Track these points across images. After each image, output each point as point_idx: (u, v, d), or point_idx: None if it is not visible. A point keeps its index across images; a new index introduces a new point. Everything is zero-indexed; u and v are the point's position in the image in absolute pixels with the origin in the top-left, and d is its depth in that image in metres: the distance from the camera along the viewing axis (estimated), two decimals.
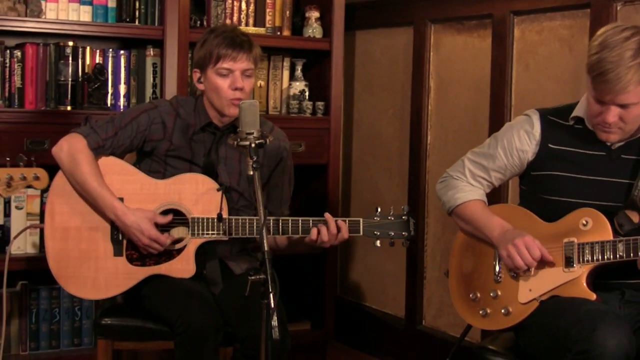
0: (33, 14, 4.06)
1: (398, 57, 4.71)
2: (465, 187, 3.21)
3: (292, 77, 4.75)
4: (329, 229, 3.22)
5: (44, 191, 3.84)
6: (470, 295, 3.16)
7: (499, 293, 3.08)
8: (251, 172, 2.86)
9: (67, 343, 4.24)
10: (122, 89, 4.32)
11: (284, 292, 4.82)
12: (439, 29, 4.46)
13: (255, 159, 2.89)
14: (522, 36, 4.01)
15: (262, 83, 4.68)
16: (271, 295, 2.75)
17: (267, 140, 2.99)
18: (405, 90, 4.63)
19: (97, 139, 3.27)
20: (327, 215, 3.24)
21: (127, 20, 4.26)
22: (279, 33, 4.65)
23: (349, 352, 4.93)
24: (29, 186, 3.37)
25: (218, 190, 3.23)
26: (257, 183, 2.88)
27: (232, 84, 3.27)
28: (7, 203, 4.08)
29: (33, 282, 4.16)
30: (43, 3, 4.10)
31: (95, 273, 3.27)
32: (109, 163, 3.31)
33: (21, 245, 4.09)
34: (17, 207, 4.08)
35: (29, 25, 4.05)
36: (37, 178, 3.35)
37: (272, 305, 2.73)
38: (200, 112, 3.39)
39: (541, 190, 3.08)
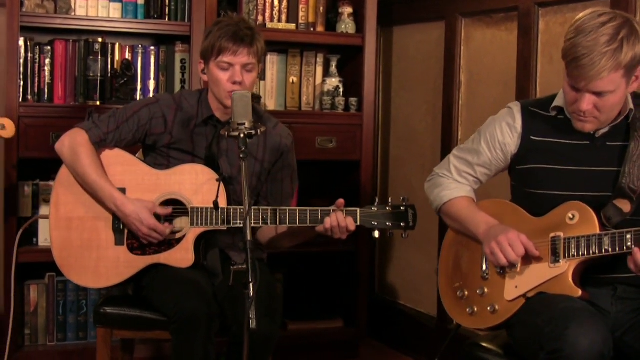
0: (62, 10, 4.15)
1: (431, 52, 4.65)
2: (451, 184, 3.15)
3: (327, 74, 4.73)
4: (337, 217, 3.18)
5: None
6: (458, 293, 3.09)
7: (486, 290, 3.00)
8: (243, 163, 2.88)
9: (94, 334, 4.27)
10: (151, 84, 4.39)
11: (317, 289, 4.87)
12: (469, 23, 4.38)
13: (243, 149, 2.90)
14: (547, 28, 3.91)
15: (295, 79, 4.67)
16: (251, 285, 2.72)
17: (259, 131, 3.00)
18: (438, 86, 4.57)
19: (98, 133, 3.33)
20: (338, 211, 3.20)
21: (156, 16, 4.31)
22: (312, 29, 4.64)
23: (382, 350, 4.88)
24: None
25: (217, 180, 3.24)
26: (244, 172, 2.89)
27: (231, 77, 3.28)
28: (35, 196, 4.18)
29: (61, 274, 4.22)
30: (73, 0, 4.19)
31: (96, 262, 3.32)
32: (112, 154, 3.36)
33: (49, 237, 4.16)
34: (44, 200, 4.17)
35: (58, 22, 4.15)
36: (3, 127, 3.45)
37: (251, 294, 2.70)
38: (203, 105, 3.41)
39: (527, 184, 3.00)
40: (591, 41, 2.65)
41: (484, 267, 3.02)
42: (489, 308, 2.97)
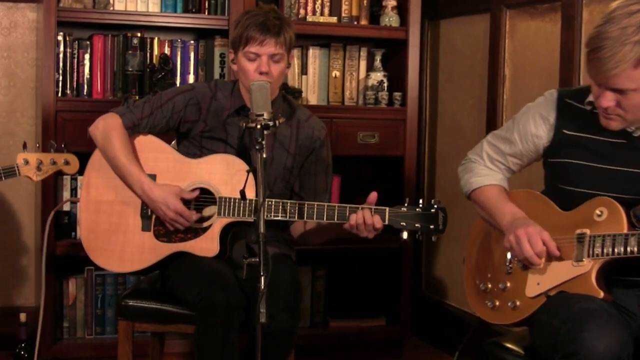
0: (100, 5, 4.16)
1: (477, 45, 4.54)
2: (482, 170, 3.05)
3: (371, 68, 4.66)
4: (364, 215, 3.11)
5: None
6: (481, 286, 2.99)
7: (508, 285, 2.90)
8: (265, 155, 2.85)
9: None
10: (190, 79, 4.38)
11: (359, 286, 4.80)
12: (513, 15, 4.27)
13: (259, 140, 2.85)
14: (591, 18, 3.77)
15: (338, 73, 4.61)
16: (262, 278, 2.68)
17: (277, 122, 2.94)
18: (483, 80, 4.45)
19: (132, 118, 3.33)
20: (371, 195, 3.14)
21: (194, 10, 4.30)
22: (355, 22, 4.57)
23: (427, 349, 4.79)
24: (60, 171, 3.51)
25: (247, 171, 3.17)
26: (259, 164, 2.84)
27: (257, 67, 3.23)
28: (73, 190, 4.20)
29: (99, 267, 4.24)
30: None
31: (122, 246, 3.32)
32: (145, 141, 3.36)
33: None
34: None
35: (95, 17, 4.17)
36: (67, 163, 3.50)
37: (262, 288, 2.67)
38: (236, 96, 3.38)
39: (558, 178, 2.88)
40: (615, 31, 2.48)
41: (508, 261, 2.92)
42: (509, 304, 2.87)
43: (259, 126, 2.89)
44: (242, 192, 3.05)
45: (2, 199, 4.43)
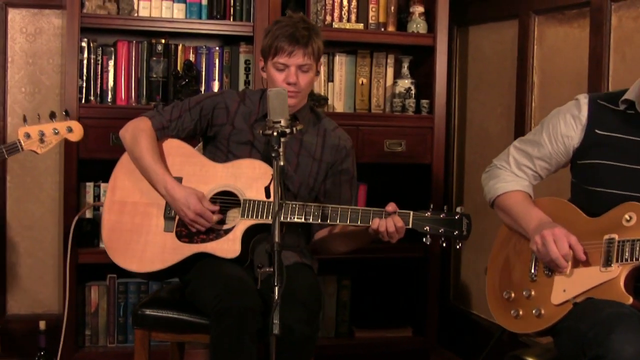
0: (124, 12, 4.15)
1: (505, 52, 4.47)
2: (508, 176, 2.99)
3: (398, 75, 4.60)
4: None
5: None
6: (504, 294, 2.93)
7: (533, 293, 2.84)
8: (282, 163, 2.79)
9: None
10: (215, 85, 4.35)
11: (386, 296, 4.74)
12: (542, 21, 4.20)
13: (276, 147, 2.81)
14: (620, 24, 3.70)
15: (364, 80, 4.56)
16: (276, 289, 2.64)
17: (294, 130, 2.90)
18: (512, 87, 4.38)
19: (161, 120, 3.35)
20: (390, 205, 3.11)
21: (219, 17, 4.27)
22: (383, 29, 4.52)
23: None
24: (65, 140, 3.49)
25: (273, 175, 3.13)
26: (276, 171, 2.80)
27: (286, 78, 3.25)
28: (96, 196, 4.18)
29: (122, 275, 4.23)
30: (136, 1, 4.19)
31: (143, 246, 3.29)
32: (172, 145, 3.37)
33: None
34: None
35: (119, 23, 4.15)
36: (70, 130, 3.45)
37: (276, 298, 2.62)
38: (264, 101, 3.35)
39: (587, 180, 2.81)
40: None
41: (533, 268, 2.85)
42: (534, 311, 2.80)
43: (275, 133, 2.85)
44: (267, 189, 2.99)
45: (26, 205, 4.42)
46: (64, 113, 3.51)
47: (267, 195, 3.00)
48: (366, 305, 4.71)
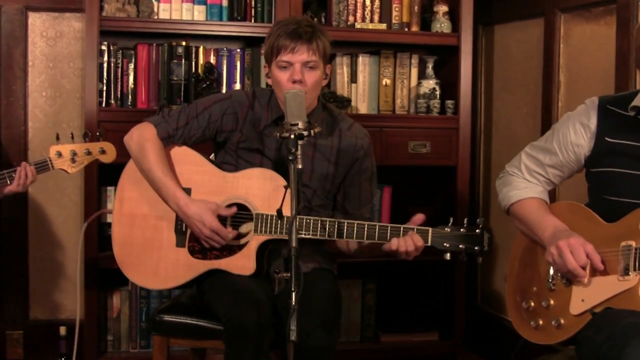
0: (144, 14, 4.12)
1: (531, 51, 4.38)
2: (520, 183, 2.92)
3: (423, 75, 4.53)
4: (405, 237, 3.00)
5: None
6: (524, 304, 2.86)
7: (552, 303, 2.77)
8: (300, 166, 2.73)
9: None
10: (237, 87, 4.30)
11: (412, 299, 4.67)
12: (568, 19, 4.11)
13: (293, 151, 2.74)
14: None
15: (388, 81, 4.49)
16: (293, 294, 2.57)
17: (312, 132, 2.83)
18: (538, 86, 4.29)
19: (167, 128, 3.25)
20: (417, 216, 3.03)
21: (239, 18, 4.23)
22: (406, 29, 4.45)
23: None
24: (97, 160, 3.46)
25: (285, 187, 3.05)
26: (292, 175, 2.73)
27: (290, 76, 3.12)
28: None
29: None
30: (156, 4, 4.16)
31: (156, 262, 3.24)
32: (180, 153, 3.27)
33: None
34: None
35: (139, 25, 4.12)
36: (103, 152, 3.42)
37: (293, 304, 2.56)
38: (273, 106, 3.27)
39: (601, 189, 2.74)
40: None
41: (551, 277, 2.78)
42: (553, 322, 2.73)
43: (292, 136, 2.78)
44: (279, 211, 2.91)
45: (48, 210, 4.41)
46: (97, 134, 3.47)
47: (280, 216, 2.94)
48: (392, 309, 4.65)
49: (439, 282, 4.60)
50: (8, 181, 3.29)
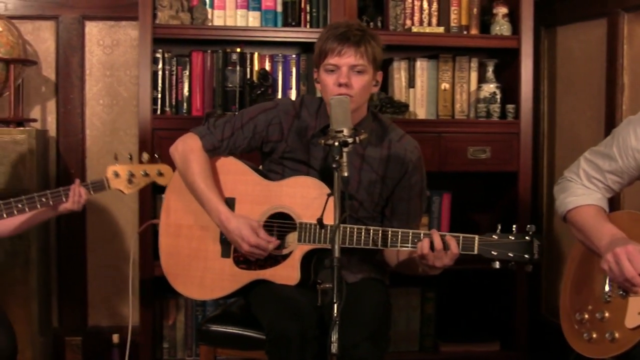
0: (198, 21, 4.10)
1: (594, 52, 4.25)
2: (578, 190, 2.81)
3: (483, 79, 4.43)
4: (433, 244, 2.89)
5: None
6: (577, 316, 2.75)
7: (606, 315, 2.66)
8: (346, 174, 2.67)
9: None
10: (292, 94, 4.26)
11: (472, 308, 4.57)
12: (632, 19, 3.97)
13: (337, 158, 2.68)
14: None
15: (447, 86, 4.40)
16: (335, 306, 2.51)
17: (358, 139, 2.75)
18: (601, 89, 4.17)
19: (212, 140, 3.21)
20: (434, 231, 2.93)
21: (294, 24, 4.19)
22: (465, 32, 4.36)
23: None
24: (154, 183, 3.42)
25: (328, 195, 2.98)
26: (336, 184, 2.67)
27: (336, 80, 3.04)
28: None
29: None
30: (210, 11, 4.14)
31: (202, 272, 3.21)
32: (225, 163, 3.25)
33: None
34: None
35: (192, 32, 4.11)
36: (160, 174, 3.39)
37: (335, 315, 2.49)
38: (321, 114, 3.21)
39: None
40: None
41: (607, 288, 2.67)
42: (607, 335, 2.63)
43: (337, 143, 2.71)
44: (320, 220, 2.83)
45: (107, 218, 4.43)
46: (156, 156, 3.46)
47: (321, 226, 2.87)
48: (452, 318, 4.56)
49: (500, 290, 4.50)
50: (63, 198, 3.28)
